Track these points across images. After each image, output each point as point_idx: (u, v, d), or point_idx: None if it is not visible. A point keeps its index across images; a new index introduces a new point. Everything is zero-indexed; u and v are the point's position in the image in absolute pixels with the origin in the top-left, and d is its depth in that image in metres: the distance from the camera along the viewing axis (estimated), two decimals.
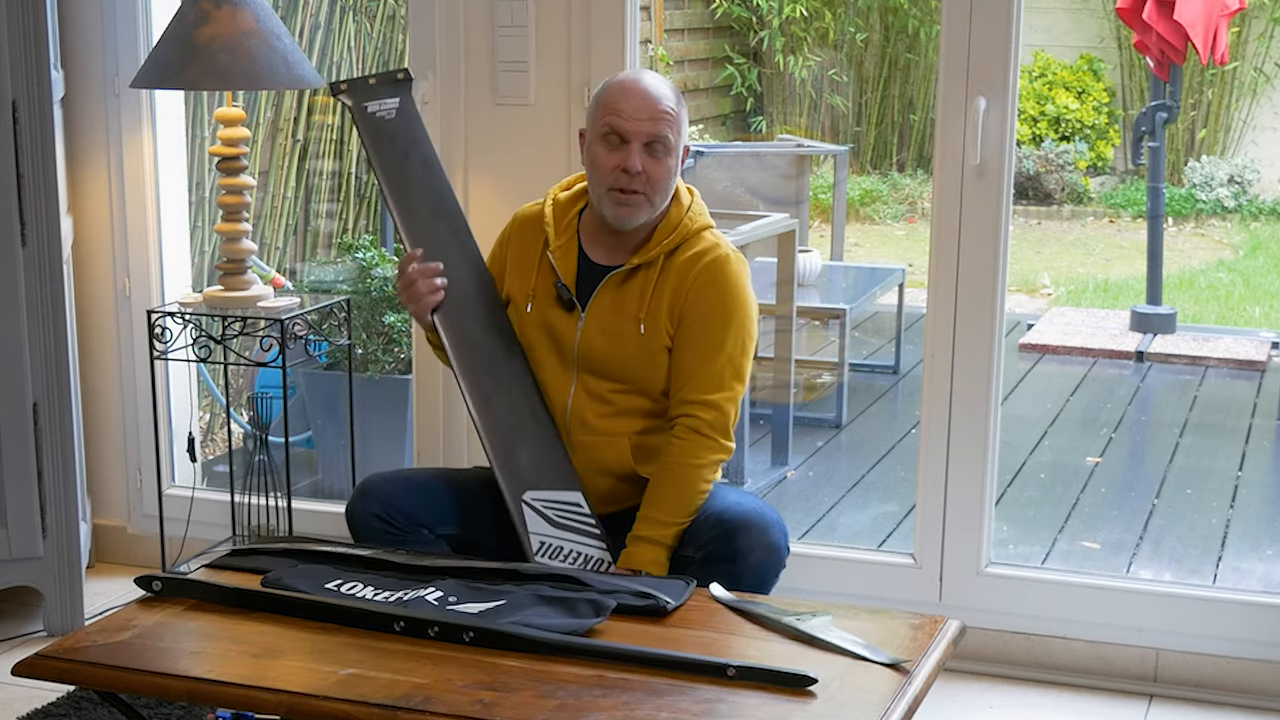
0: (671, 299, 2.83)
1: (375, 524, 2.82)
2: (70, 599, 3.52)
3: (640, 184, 2.78)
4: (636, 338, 2.83)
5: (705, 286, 2.82)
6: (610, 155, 2.79)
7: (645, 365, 2.84)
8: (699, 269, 2.83)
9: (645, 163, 2.78)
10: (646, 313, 2.82)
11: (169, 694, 2.31)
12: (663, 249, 2.84)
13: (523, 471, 2.84)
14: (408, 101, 3.03)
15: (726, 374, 2.82)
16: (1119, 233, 9.25)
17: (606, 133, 2.79)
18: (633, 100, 2.78)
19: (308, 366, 4.36)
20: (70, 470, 3.50)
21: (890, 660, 2.29)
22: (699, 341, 2.81)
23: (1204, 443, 5.43)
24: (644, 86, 2.80)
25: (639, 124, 2.77)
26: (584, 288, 2.88)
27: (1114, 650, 3.33)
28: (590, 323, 2.86)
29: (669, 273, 2.83)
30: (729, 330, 2.82)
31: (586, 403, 2.87)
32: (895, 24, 9.79)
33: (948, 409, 3.35)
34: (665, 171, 2.80)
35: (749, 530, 2.71)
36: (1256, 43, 9.41)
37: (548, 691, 2.19)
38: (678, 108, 2.82)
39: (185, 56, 3.33)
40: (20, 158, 3.35)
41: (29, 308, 3.41)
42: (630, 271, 2.85)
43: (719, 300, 2.82)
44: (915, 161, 9.96)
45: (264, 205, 4.92)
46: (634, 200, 2.79)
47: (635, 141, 2.77)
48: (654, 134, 2.77)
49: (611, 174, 2.79)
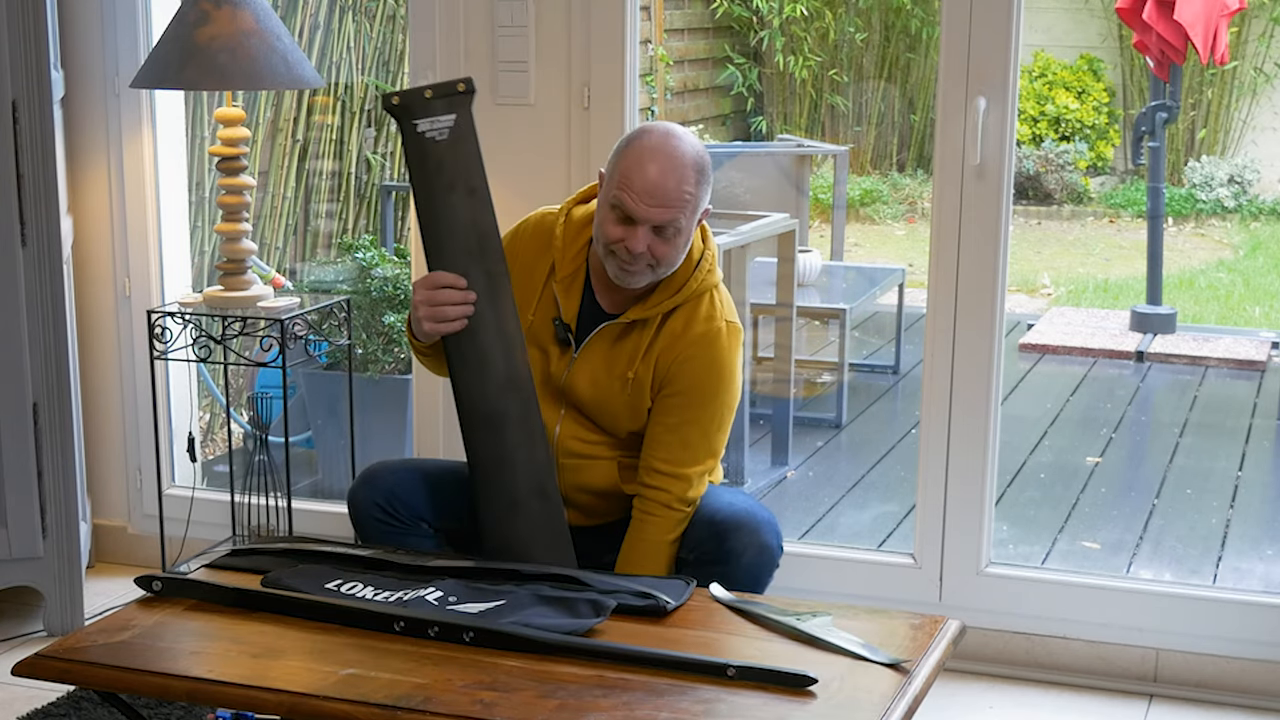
0: (659, 362, 2.77)
1: (376, 513, 2.82)
2: (70, 599, 3.52)
3: (644, 261, 2.68)
4: (623, 393, 2.79)
5: (693, 360, 2.75)
6: (615, 227, 2.67)
7: (628, 419, 2.81)
8: (691, 338, 2.75)
9: (652, 243, 2.66)
10: (635, 373, 2.77)
11: (169, 694, 2.31)
12: (661, 309, 2.76)
13: (513, 550, 2.75)
14: (464, 117, 2.74)
15: (701, 450, 2.77)
16: (1119, 233, 9.25)
17: (616, 203, 2.67)
18: (648, 179, 2.63)
19: (308, 366, 4.36)
20: (70, 470, 3.50)
21: (890, 660, 2.29)
22: (678, 413, 2.76)
23: (1204, 443, 5.43)
24: (664, 166, 2.63)
25: (648, 210, 2.64)
26: (583, 324, 2.82)
27: (1114, 650, 3.33)
28: (580, 368, 2.80)
29: (663, 334, 2.76)
30: (710, 407, 2.77)
31: (573, 429, 2.84)
32: (896, 24, 9.79)
33: (948, 409, 3.35)
34: (674, 249, 2.69)
35: (741, 531, 2.71)
36: (1256, 43, 9.41)
37: (548, 691, 2.19)
38: (698, 189, 2.67)
39: (185, 56, 3.34)
40: (20, 158, 3.35)
41: (29, 308, 3.41)
42: (626, 326, 2.78)
43: (706, 375, 2.75)
44: (915, 161, 9.95)
45: (264, 205, 4.92)
46: (635, 269, 2.70)
47: (642, 226, 2.65)
48: (663, 222, 2.65)
49: (615, 243, 2.68)
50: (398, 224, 5.22)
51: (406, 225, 5.10)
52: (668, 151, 2.66)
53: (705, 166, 2.70)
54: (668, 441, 2.76)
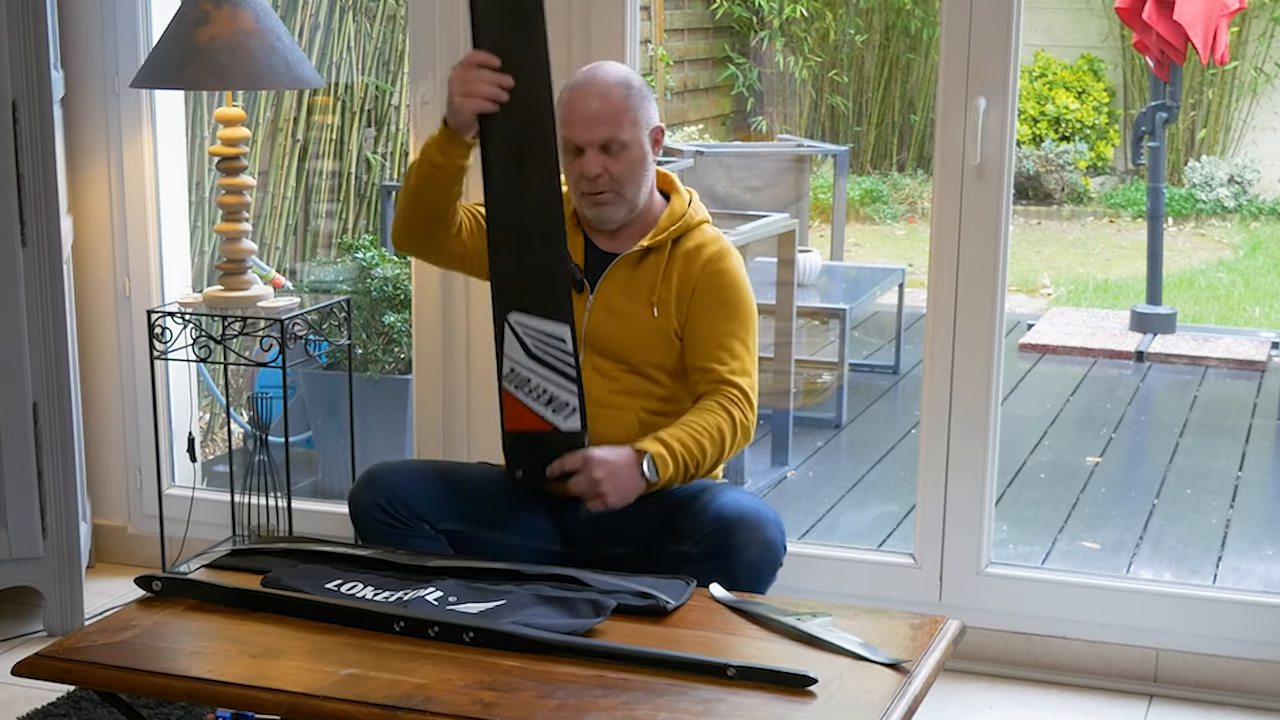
0: (679, 288, 2.89)
1: (377, 514, 2.82)
2: (70, 599, 3.52)
3: (605, 184, 2.85)
4: (649, 320, 2.89)
5: (713, 279, 2.89)
6: (573, 165, 2.86)
7: (656, 348, 2.89)
8: (704, 261, 2.89)
9: (606, 163, 2.83)
10: (659, 297, 2.89)
11: (169, 694, 2.31)
12: (670, 234, 2.90)
13: (514, 289, 2.80)
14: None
15: (746, 359, 2.91)
16: (1119, 233, 9.25)
17: (565, 144, 2.85)
18: (578, 108, 2.83)
19: (308, 366, 4.36)
20: (70, 470, 3.50)
21: (890, 660, 2.29)
22: (710, 326, 2.88)
23: (1204, 443, 5.43)
24: (591, 90, 2.84)
25: (587, 133, 2.82)
26: (591, 270, 2.93)
27: (1114, 650, 3.33)
28: (598, 304, 2.90)
29: (675, 260, 2.90)
30: (740, 315, 2.92)
31: (595, 379, 2.89)
32: (897, 24, 9.79)
33: (948, 409, 3.35)
34: (628, 165, 2.85)
35: (745, 527, 2.72)
36: (1256, 43, 9.42)
37: (548, 691, 2.19)
38: (628, 99, 2.84)
39: (185, 56, 3.34)
40: (20, 158, 3.35)
41: (29, 308, 3.41)
42: (642, 254, 2.90)
43: (728, 292, 2.90)
44: (915, 161, 9.96)
45: (264, 205, 4.93)
46: (604, 199, 2.86)
47: (589, 149, 2.83)
48: (604, 139, 2.82)
49: (579, 181, 2.87)
50: None
51: None
52: (591, 79, 2.86)
53: (633, 83, 2.87)
54: (715, 351, 2.87)
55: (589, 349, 2.90)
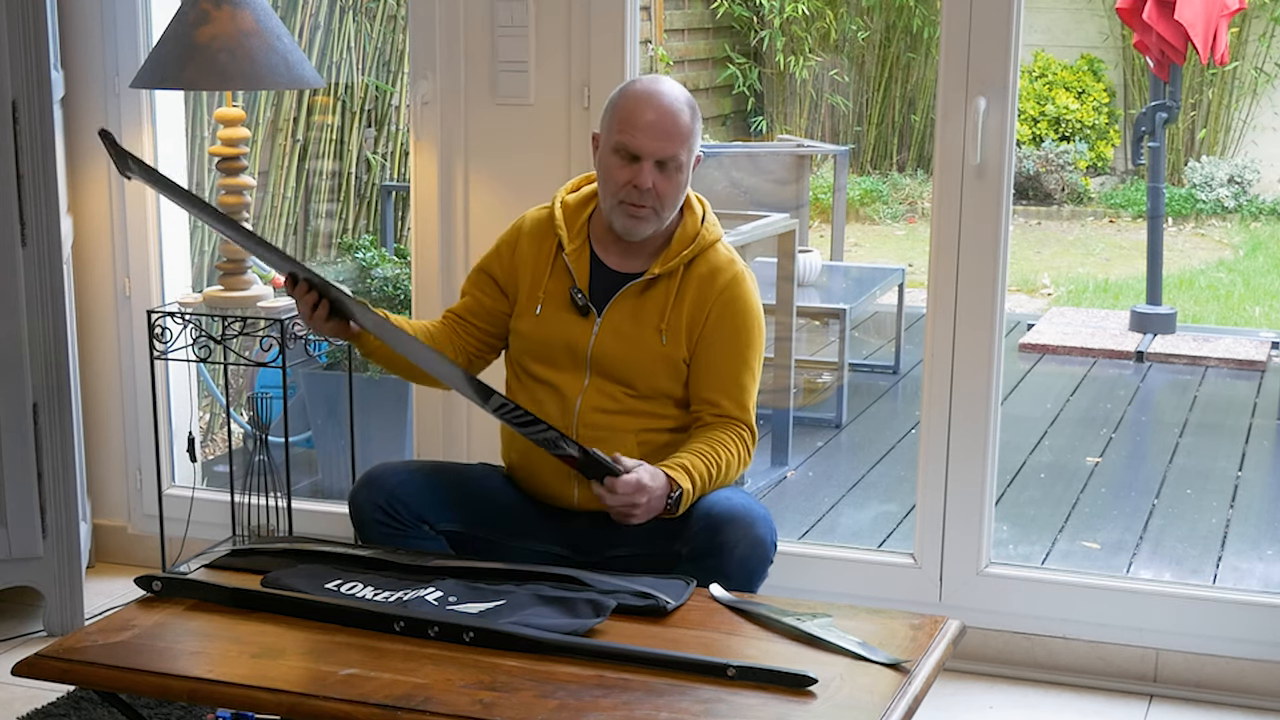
0: (691, 314, 2.86)
1: (378, 516, 2.82)
2: (70, 599, 3.52)
3: (650, 200, 2.81)
4: (657, 347, 2.86)
5: (728, 306, 2.87)
6: (622, 170, 2.80)
7: (661, 374, 2.86)
8: (720, 288, 2.87)
9: (656, 180, 2.80)
10: (668, 324, 2.86)
11: (169, 694, 2.31)
12: (682, 259, 2.87)
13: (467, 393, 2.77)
14: None
15: (751, 391, 2.90)
16: (1119, 233, 9.25)
17: (619, 148, 2.81)
18: (647, 118, 2.79)
19: (308, 366, 4.36)
20: (70, 470, 3.50)
21: (890, 660, 2.29)
22: (722, 357, 2.87)
23: (1204, 443, 5.43)
24: (660, 104, 2.80)
25: (652, 144, 2.78)
26: (597, 291, 2.89)
27: (1114, 650, 3.33)
28: (605, 328, 2.87)
29: (688, 284, 2.87)
30: (754, 347, 2.91)
31: (596, 400, 2.87)
32: (898, 24, 9.79)
33: (948, 409, 3.35)
34: (675, 188, 2.83)
35: (734, 525, 2.72)
36: (1256, 43, 9.42)
37: (548, 691, 2.19)
38: (692, 123, 2.83)
39: (185, 56, 3.34)
40: (20, 158, 3.35)
41: (29, 308, 3.41)
42: (650, 282, 2.87)
43: (741, 320, 2.88)
44: (915, 161, 9.96)
45: (264, 205, 4.93)
46: (643, 214, 2.82)
47: (647, 160, 2.79)
48: (667, 155, 2.79)
49: (623, 188, 2.81)
50: (398, 224, 5.23)
51: (407, 225, 5.10)
52: (660, 91, 2.83)
53: (695, 107, 2.86)
54: (728, 385, 2.87)
55: (594, 371, 2.88)
